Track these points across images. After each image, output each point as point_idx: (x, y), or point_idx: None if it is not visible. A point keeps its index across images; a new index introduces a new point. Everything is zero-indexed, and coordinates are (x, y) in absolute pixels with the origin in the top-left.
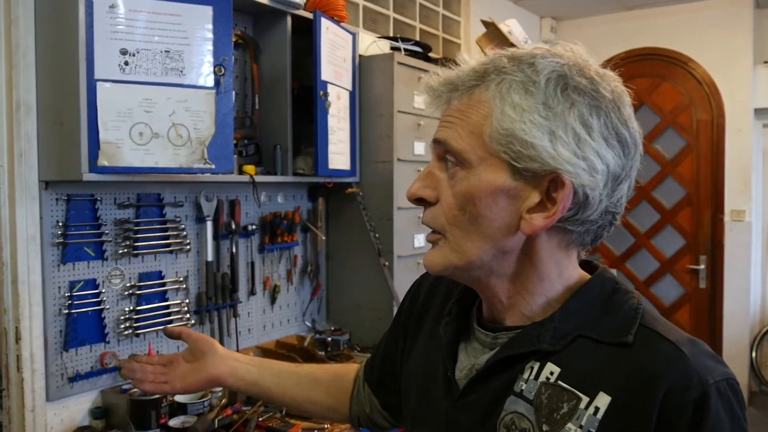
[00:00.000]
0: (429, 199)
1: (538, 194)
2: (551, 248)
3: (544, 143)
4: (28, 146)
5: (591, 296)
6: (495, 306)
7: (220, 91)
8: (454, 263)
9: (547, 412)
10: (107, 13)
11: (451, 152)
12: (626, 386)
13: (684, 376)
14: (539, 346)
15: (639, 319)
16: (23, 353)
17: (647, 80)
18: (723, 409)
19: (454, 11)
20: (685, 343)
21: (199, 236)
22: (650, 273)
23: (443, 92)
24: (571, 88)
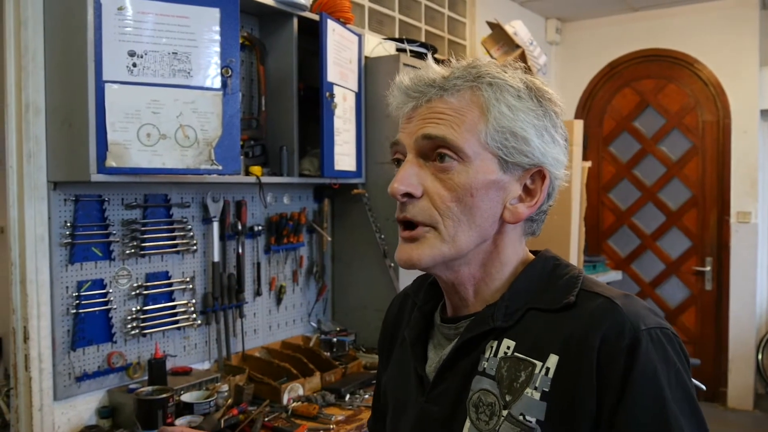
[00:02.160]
0: (416, 194)
1: (518, 186)
2: (515, 236)
3: (535, 139)
4: (37, 147)
5: (535, 273)
6: (462, 296)
7: (227, 93)
8: (444, 254)
9: (508, 383)
10: (115, 15)
11: (450, 147)
12: (569, 343)
13: (616, 324)
14: (493, 324)
15: (580, 285)
16: (31, 353)
17: (653, 81)
18: (655, 353)
19: (460, 13)
20: (618, 297)
21: (206, 237)
22: (656, 275)
23: (432, 92)
24: (543, 99)
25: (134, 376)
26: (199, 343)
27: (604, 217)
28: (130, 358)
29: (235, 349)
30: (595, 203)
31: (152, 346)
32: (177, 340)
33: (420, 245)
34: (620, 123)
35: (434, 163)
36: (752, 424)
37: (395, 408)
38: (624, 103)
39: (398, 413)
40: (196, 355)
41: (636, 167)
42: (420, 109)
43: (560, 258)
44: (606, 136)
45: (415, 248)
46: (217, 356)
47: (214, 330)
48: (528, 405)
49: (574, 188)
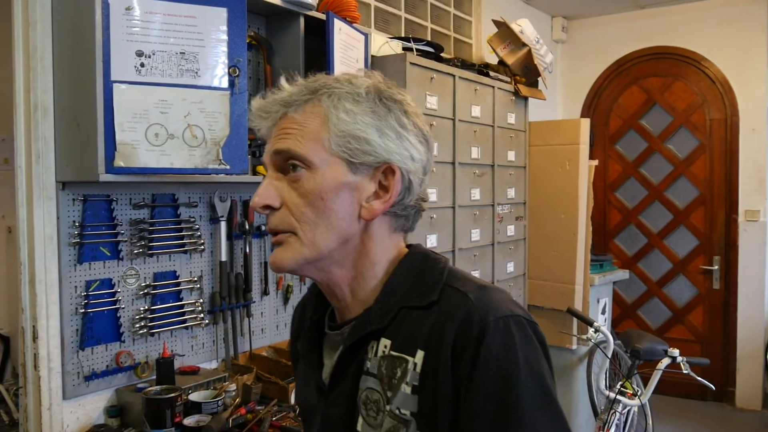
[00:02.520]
0: (274, 205)
1: (373, 185)
2: (382, 234)
3: (376, 138)
4: (46, 147)
5: (405, 271)
6: (340, 298)
7: (234, 92)
8: (305, 256)
9: (388, 380)
10: (123, 15)
11: (296, 157)
12: (431, 338)
13: (467, 317)
14: (371, 327)
15: (444, 281)
16: (40, 352)
17: (659, 79)
18: (501, 342)
19: (466, 11)
20: (473, 290)
21: (213, 236)
22: (663, 274)
23: (278, 110)
24: (386, 98)
25: (142, 376)
26: (207, 343)
27: (611, 216)
28: (138, 357)
29: (243, 349)
30: (601, 202)
31: (160, 345)
32: (185, 339)
33: (283, 250)
34: (627, 121)
35: (289, 174)
36: (760, 424)
37: (305, 417)
38: (631, 101)
39: (308, 422)
40: (203, 354)
41: (643, 166)
42: (274, 129)
43: (429, 252)
44: (612, 135)
45: (279, 252)
46: (224, 355)
47: (222, 329)
48: (403, 399)
49: (581, 187)
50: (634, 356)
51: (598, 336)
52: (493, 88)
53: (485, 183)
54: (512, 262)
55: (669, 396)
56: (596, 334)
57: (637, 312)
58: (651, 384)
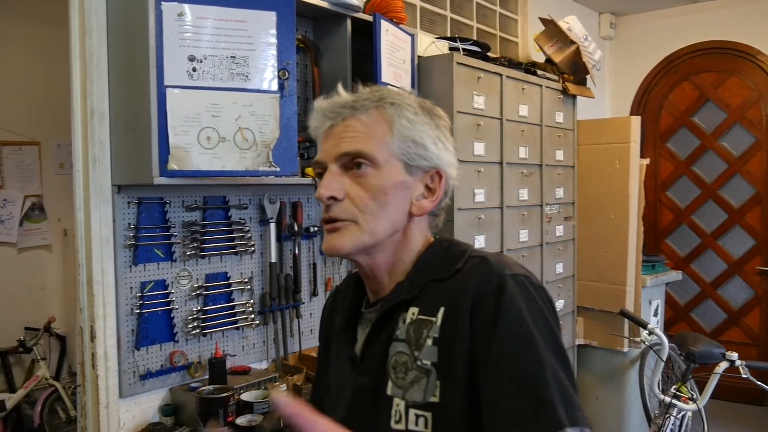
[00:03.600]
0: (339, 197)
1: (422, 186)
2: (421, 228)
3: (431, 146)
4: (102, 152)
5: (434, 252)
6: (378, 279)
7: (284, 95)
8: (364, 242)
9: (415, 341)
10: (176, 21)
11: (364, 156)
12: (452, 296)
13: (486, 274)
14: (401, 297)
15: (467, 255)
16: (98, 351)
17: (712, 75)
18: (518, 291)
19: (512, 10)
20: (491, 255)
21: (263, 238)
22: (717, 275)
23: (346, 112)
24: (433, 115)
25: (195, 375)
26: (257, 343)
27: (662, 216)
28: (191, 357)
29: (292, 349)
30: (652, 201)
31: (212, 345)
32: (236, 339)
33: (342, 235)
34: (678, 118)
35: (353, 170)
36: None
37: (337, 392)
38: (682, 97)
39: (338, 395)
40: (254, 354)
41: (695, 164)
42: (336, 128)
43: (453, 239)
44: (663, 133)
45: (337, 237)
46: (274, 356)
47: (272, 330)
48: (426, 352)
49: (632, 186)
50: (690, 359)
51: (652, 338)
52: (540, 87)
53: (533, 183)
54: (561, 262)
55: (723, 401)
56: (650, 336)
57: (690, 314)
58: (708, 388)
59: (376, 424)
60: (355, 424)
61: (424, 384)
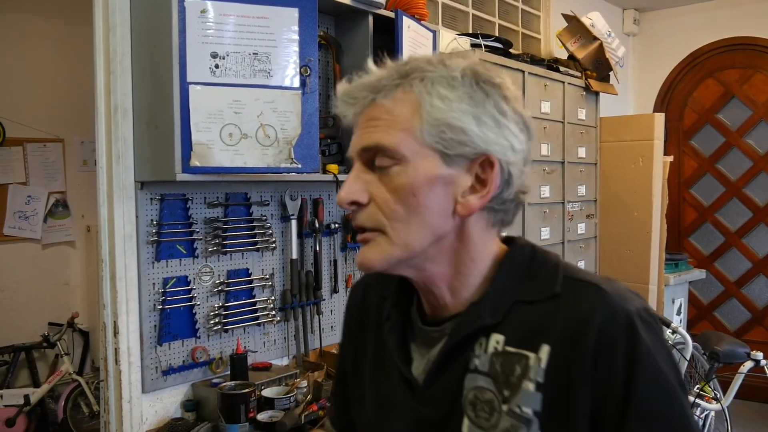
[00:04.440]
0: (362, 201)
1: (469, 178)
2: (480, 230)
3: (473, 128)
4: (125, 148)
5: (515, 265)
6: (437, 296)
7: (305, 92)
8: (396, 256)
9: (504, 378)
10: (198, 17)
11: (385, 151)
12: (562, 332)
13: (609, 311)
14: (482, 323)
15: (561, 273)
16: (121, 346)
17: (737, 71)
18: (648, 333)
19: (534, 6)
20: (602, 282)
21: (284, 234)
22: (742, 274)
23: (365, 95)
24: (483, 81)
25: (217, 371)
26: (278, 339)
27: (686, 214)
28: (213, 353)
29: (313, 346)
30: (675, 199)
31: (234, 341)
32: (257, 336)
33: (370, 248)
34: (703, 116)
35: (377, 168)
36: None
37: (379, 409)
38: (707, 94)
39: (384, 414)
40: (275, 351)
41: (720, 161)
42: (361, 117)
43: (535, 245)
44: (687, 130)
45: (366, 251)
46: (295, 352)
47: (293, 326)
48: (525, 397)
49: (655, 184)
50: (713, 359)
51: (675, 337)
52: (563, 84)
53: (555, 180)
54: (583, 260)
55: (747, 401)
56: (673, 335)
57: (713, 313)
58: (732, 388)
59: None
60: None
61: None
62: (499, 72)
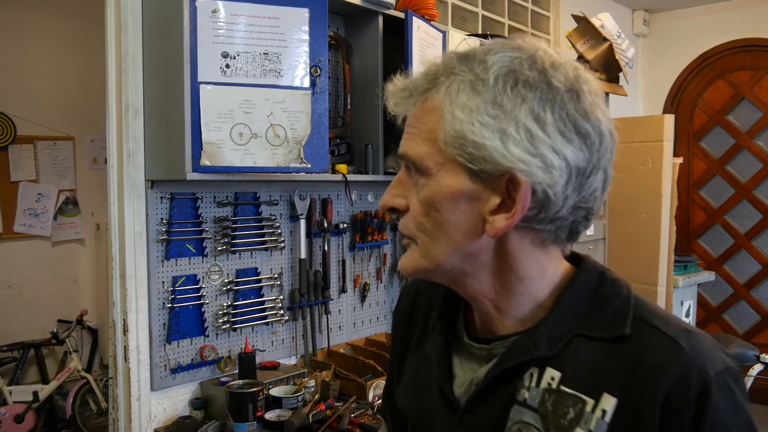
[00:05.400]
0: (400, 208)
1: (498, 195)
2: (525, 247)
3: (495, 143)
4: (136, 147)
5: (580, 292)
6: (485, 311)
7: (315, 92)
8: (424, 267)
9: (554, 419)
10: (209, 17)
11: (411, 161)
12: (629, 387)
13: (684, 372)
14: (537, 353)
15: (632, 311)
16: (130, 344)
17: (748, 73)
18: (726, 402)
19: (544, 7)
20: (682, 337)
21: (293, 234)
22: (751, 276)
23: (401, 101)
24: (521, 83)
25: (225, 370)
26: (286, 339)
27: (695, 216)
28: (221, 351)
29: (321, 345)
30: (685, 201)
31: (242, 340)
32: (265, 335)
33: (406, 256)
34: (713, 117)
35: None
36: None
37: (416, 420)
38: (717, 96)
39: (421, 427)
40: (283, 350)
41: (729, 163)
42: (407, 120)
43: (605, 269)
44: (697, 131)
45: (403, 258)
46: (303, 352)
47: (301, 326)
48: None
49: (665, 185)
50: None
51: None
52: None
53: None
54: None
55: (757, 404)
56: None
57: (722, 315)
58: None
59: None
60: None
61: None
62: (568, 63)
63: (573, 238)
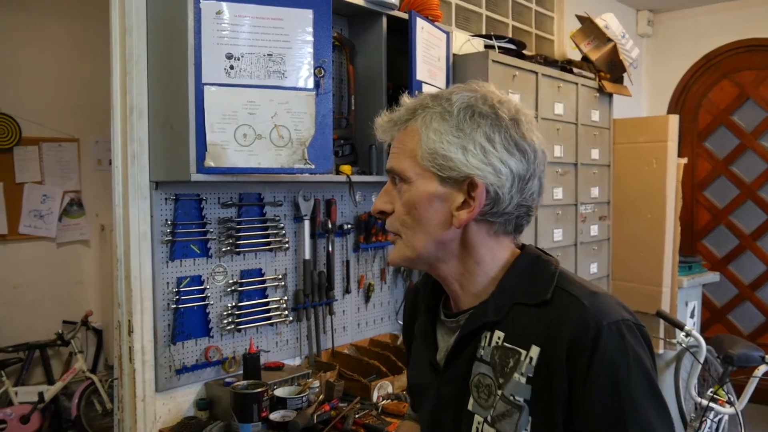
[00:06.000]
0: (387, 211)
1: (461, 195)
2: (482, 237)
3: (458, 156)
4: (140, 148)
5: (519, 270)
6: (453, 290)
7: (319, 93)
8: (408, 255)
9: (501, 368)
10: (214, 19)
11: (396, 173)
12: (547, 337)
13: (582, 322)
14: (485, 319)
15: (555, 281)
16: (135, 345)
17: (753, 73)
18: (614, 343)
19: (548, 7)
20: (586, 296)
21: (297, 235)
22: (756, 276)
23: (387, 129)
24: (477, 114)
25: (230, 370)
26: (291, 339)
27: (699, 216)
28: (226, 352)
29: (325, 346)
30: (689, 202)
31: (246, 341)
32: (269, 335)
33: (393, 249)
34: (717, 117)
35: (397, 185)
36: None
37: (418, 393)
38: (721, 96)
39: (421, 396)
40: (287, 350)
41: (734, 163)
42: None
43: (541, 253)
44: (701, 131)
45: (391, 250)
46: (307, 352)
47: (305, 326)
48: (516, 387)
49: (669, 186)
50: (727, 362)
51: (689, 340)
52: (576, 85)
53: (568, 182)
54: (596, 262)
55: (761, 404)
56: (687, 338)
57: (727, 316)
58: (747, 392)
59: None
60: (438, 427)
61: (516, 418)
62: (509, 101)
63: (519, 230)
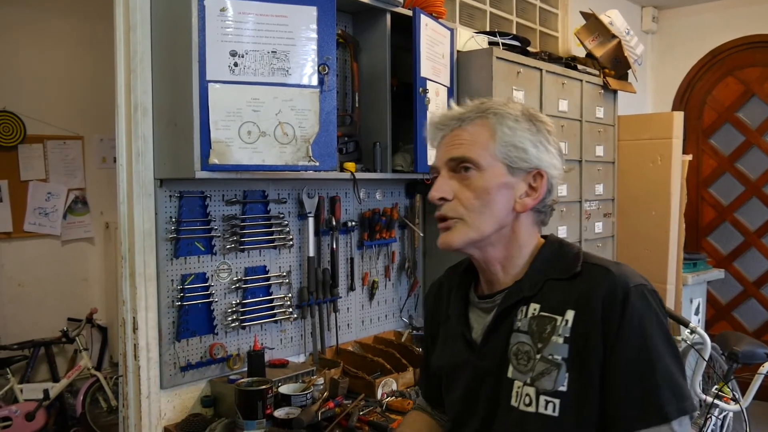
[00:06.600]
0: (448, 197)
1: (525, 185)
2: (528, 225)
3: (531, 149)
4: (145, 146)
5: (548, 252)
6: (493, 272)
7: (324, 90)
8: (471, 237)
9: (538, 335)
10: (218, 16)
11: (469, 161)
12: (580, 301)
13: (612, 285)
14: (522, 294)
15: (581, 258)
16: (140, 342)
17: (758, 69)
18: (640, 303)
19: (552, 4)
20: (612, 266)
21: (301, 232)
22: (761, 273)
23: (454, 123)
24: (535, 120)
25: (234, 368)
26: (295, 337)
27: (704, 213)
28: (230, 349)
29: (329, 343)
30: (694, 198)
31: (251, 338)
32: (274, 333)
33: (452, 232)
34: (722, 114)
35: (460, 174)
36: None
37: (449, 373)
38: (726, 93)
39: (452, 376)
40: (291, 348)
41: (739, 160)
42: (447, 138)
43: (563, 240)
44: (706, 128)
45: (449, 234)
46: (312, 349)
47: (309, 324)
48: (555, 348)
49: (674, 183)
50: (732, 359)
51: (693, 337)
52: (580, 82)
53: (572, 179)
54: None
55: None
56: (692, 335)
57: (732, 313)
58: (752, 389)
59: (497, 401)
60: (474, 401)
61: (554, 375)
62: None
63: (546, 222)
